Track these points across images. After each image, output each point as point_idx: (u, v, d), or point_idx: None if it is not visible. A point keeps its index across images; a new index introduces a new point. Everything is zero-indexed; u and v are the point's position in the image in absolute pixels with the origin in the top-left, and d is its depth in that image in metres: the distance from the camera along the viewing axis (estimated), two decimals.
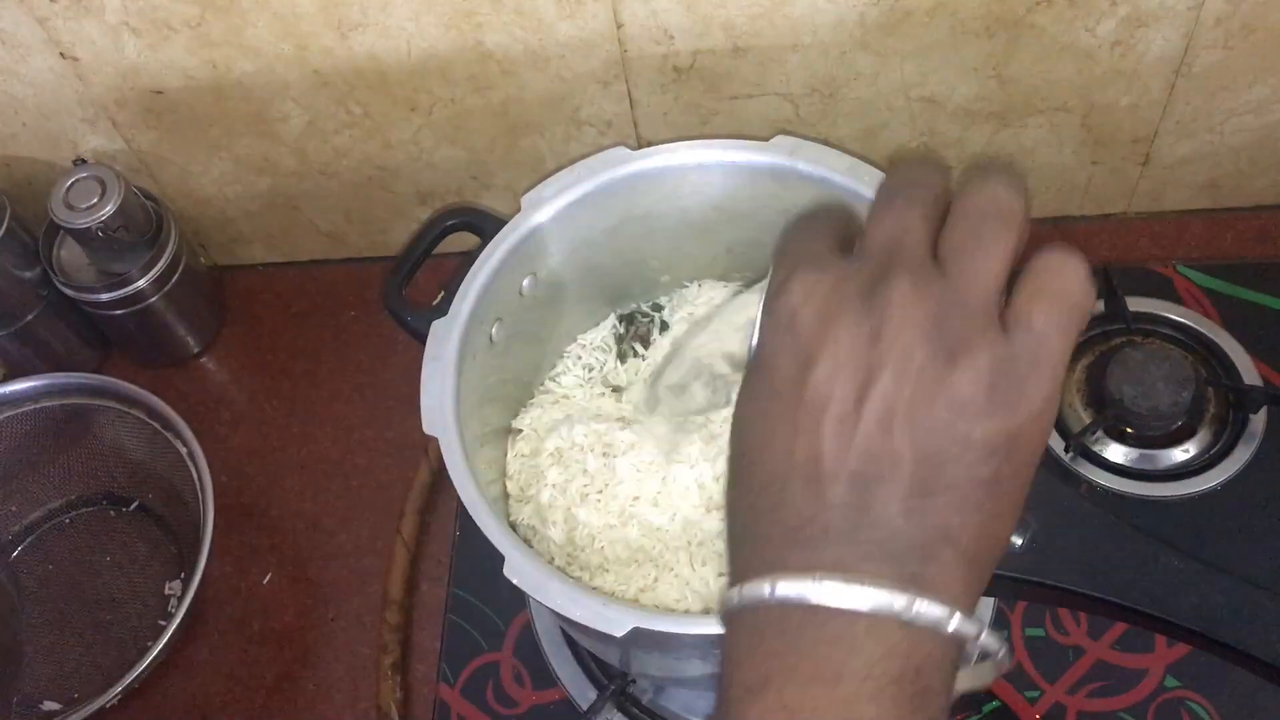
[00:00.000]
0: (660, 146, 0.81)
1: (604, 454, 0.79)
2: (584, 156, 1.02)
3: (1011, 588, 0.65)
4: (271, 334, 1.14)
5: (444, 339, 0.75)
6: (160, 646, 0.89)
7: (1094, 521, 0.64)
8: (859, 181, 0.77)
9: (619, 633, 0.64)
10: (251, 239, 1.14)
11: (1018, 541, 0.65)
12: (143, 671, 0.89)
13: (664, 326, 0.88)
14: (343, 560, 1.01)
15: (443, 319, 0.76)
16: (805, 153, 0.78)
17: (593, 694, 0.88)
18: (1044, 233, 1.08)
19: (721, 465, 0.75)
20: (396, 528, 1.00)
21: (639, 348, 0.86)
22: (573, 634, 0.88)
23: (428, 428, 0.72)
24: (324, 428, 1.08)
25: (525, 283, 0.82)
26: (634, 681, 0.87)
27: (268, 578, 1.01)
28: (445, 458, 0.71)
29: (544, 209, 0.80)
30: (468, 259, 0.79)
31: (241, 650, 0.98)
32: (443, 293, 0.78)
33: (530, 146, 1.02)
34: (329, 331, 1.13)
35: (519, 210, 0.81)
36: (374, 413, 1.08)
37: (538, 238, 0.80)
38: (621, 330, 0.89)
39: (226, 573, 1.01)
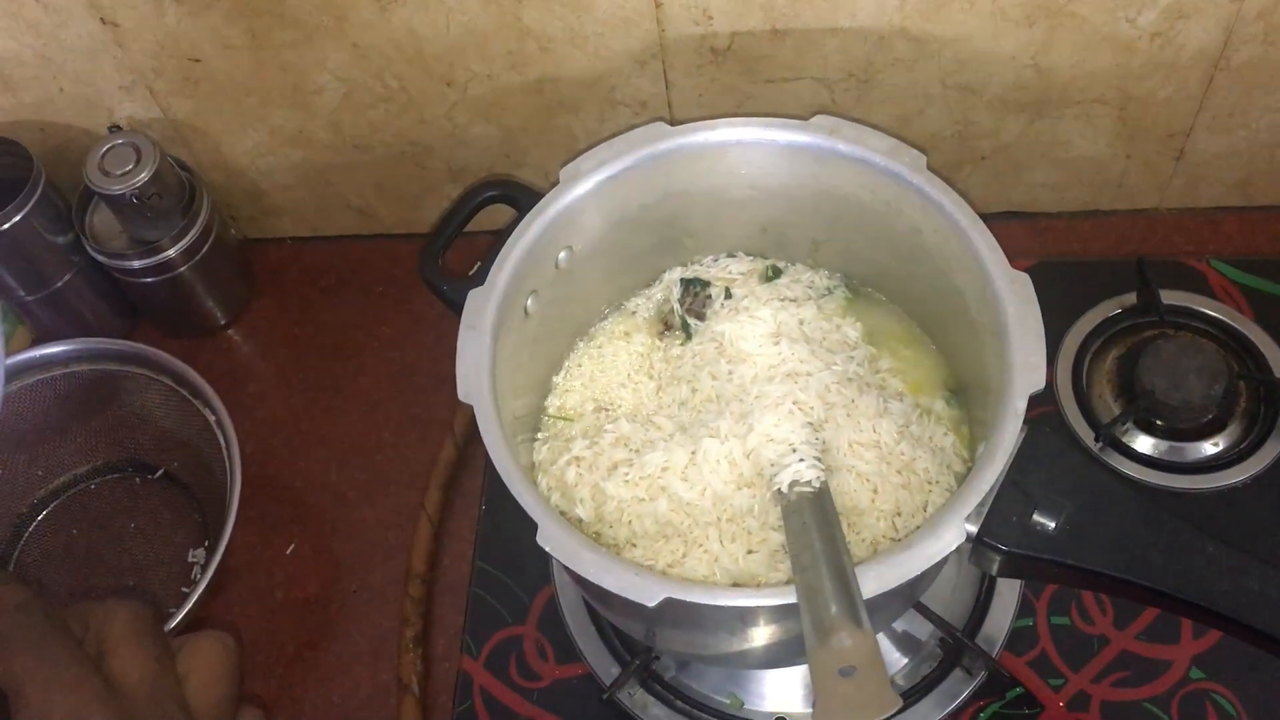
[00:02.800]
0: (700, 123, 0.81)
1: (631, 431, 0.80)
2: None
3: (1045, 570, 0.65)
4: (299, 308, 1.14)
5: (481, 308, 0.75)
6: (184, 613, 0.89)
7: (1130, 506, 0.65)
8: (900, 163, 0.77)
9: (651, 602, 0.64)
10: (282, 212, 1.14)
11: (1051, 525, 0.65)
12: None
13: (728, 294, 0.87)
14: (366, 533, 1.01)
15: (480, 288, 0.76)
16: (845, 133, 0.78)
17: (616, 669, 0.88)
18: (1077, 226, 1.09)
19: (752, 442, 0.75)
20: (420, 502, 1.00)
21: (693, 321, 0.86)
22: (599, 607, 0.88)
23: (463, 395, 0.72)
24: (349, 402, 1.08)
25: (561, 256, 0.82)
26: (658, 657, 0.87)
27: (291, 548, 1.01)
28: (480, 424, 0.71)
29: (582, 182, 0.80)
30: (504, 232, 0.79)
31: (264, 619, 0.98)
32: (479, 264, 0.78)
33: (564, 125, 1.02)
34: (356, 307, 1.13)
35: (555, 184, 0.81)
36: (399, 389, 1.08)
37: (575, 211, 0.80)
38: (679, 296, 0.88)
39: (250, 542, 1.02)
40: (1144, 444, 0.94)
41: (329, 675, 0.96)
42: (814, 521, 0.69)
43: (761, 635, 0.72)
